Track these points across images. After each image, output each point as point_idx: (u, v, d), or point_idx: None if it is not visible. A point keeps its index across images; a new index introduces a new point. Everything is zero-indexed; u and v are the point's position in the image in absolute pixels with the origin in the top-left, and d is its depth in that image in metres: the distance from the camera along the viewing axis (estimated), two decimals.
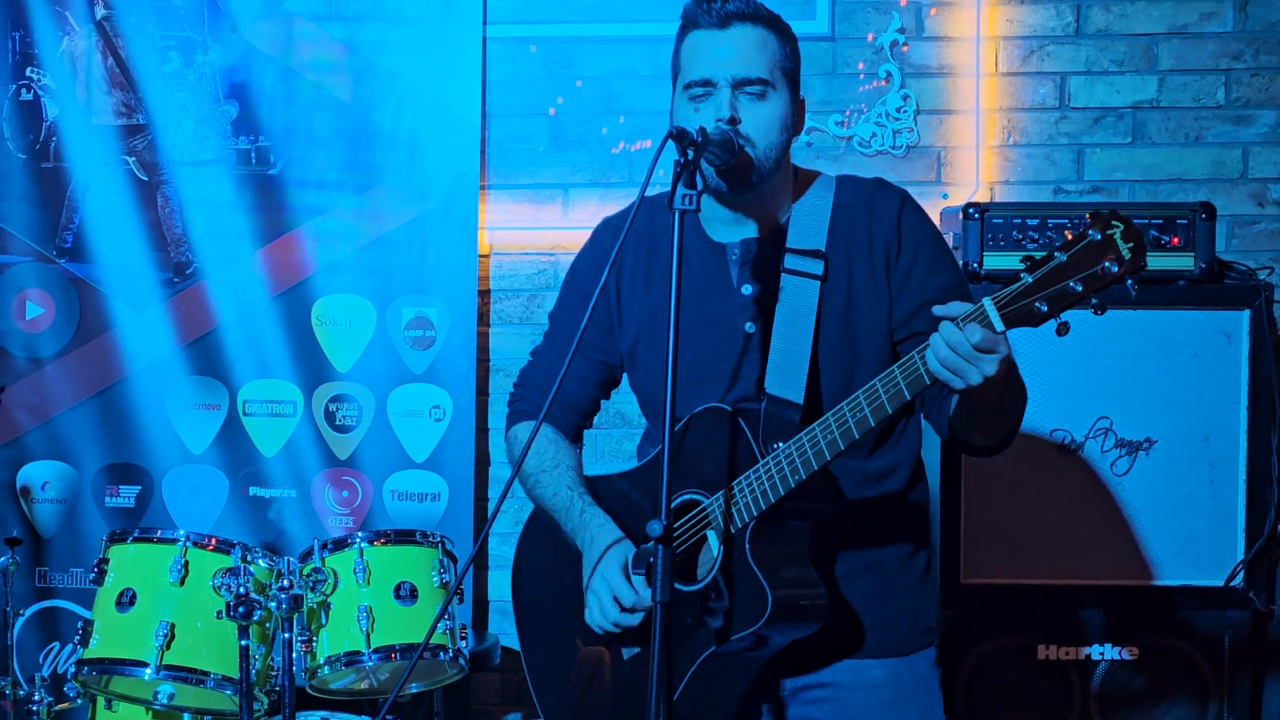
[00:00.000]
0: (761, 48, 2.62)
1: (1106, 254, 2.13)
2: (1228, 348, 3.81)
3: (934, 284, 2.63)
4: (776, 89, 2.61)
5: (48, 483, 4.52)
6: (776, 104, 2.61)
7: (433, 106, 4.43)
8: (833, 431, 2.42)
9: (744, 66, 2.59)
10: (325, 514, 4.47)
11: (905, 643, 2.72)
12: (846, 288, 2.64)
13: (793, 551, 2.54)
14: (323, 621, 3.38)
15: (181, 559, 3.33)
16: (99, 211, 4.49)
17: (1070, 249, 2.16)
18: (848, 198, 2.70)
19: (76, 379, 4.49)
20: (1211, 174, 4.39)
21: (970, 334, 2.23)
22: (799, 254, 2.64)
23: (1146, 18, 4.39)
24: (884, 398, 2.36)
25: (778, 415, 2.56)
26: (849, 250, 2.65)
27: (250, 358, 4.47)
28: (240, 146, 4.46)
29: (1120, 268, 2.13)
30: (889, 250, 2.64)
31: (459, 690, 4.12)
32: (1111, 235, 2.13)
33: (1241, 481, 3.81)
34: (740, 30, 2.61)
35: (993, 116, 4.42)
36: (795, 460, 2.46)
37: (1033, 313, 2.19)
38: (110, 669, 3.34)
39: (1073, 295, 2.16)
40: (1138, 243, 2.13)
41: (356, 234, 4.46)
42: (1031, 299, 2.18)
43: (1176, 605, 3.82)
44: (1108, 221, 2.14)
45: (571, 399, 2.93)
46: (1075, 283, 2.15)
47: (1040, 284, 2.18)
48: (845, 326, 2.63)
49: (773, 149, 2.61)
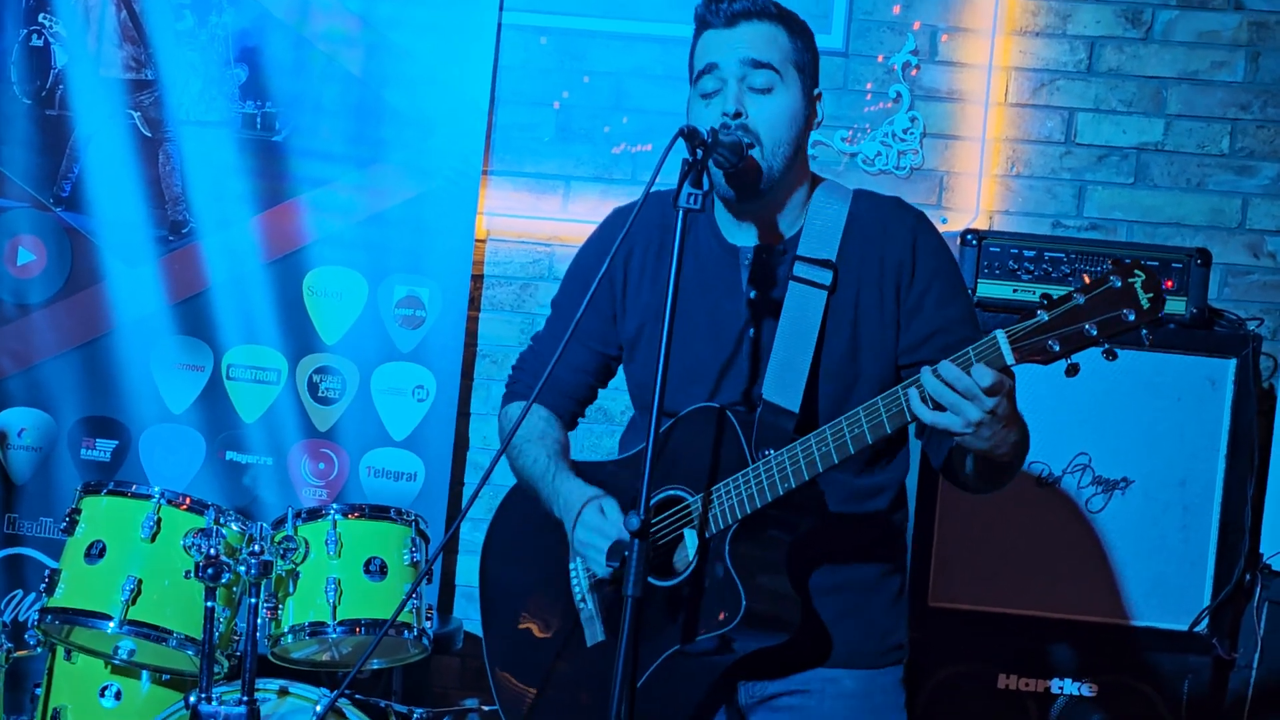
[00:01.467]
0: (770, 42, 2.62)
1: (1125, 302, 2.15)
2: (1212, 394, 3.83)
3: (945, 314, 2.63)
4: (785, 81, 2.61)
5: (24, 430, 4.50)
6: (785, 98, 2.61)
7: (443, 87, 4.43)
8: (828, 444, 2.42)
9: (750, 51, 2.59)
10: (300, 484, 4.47)
11: (876, 656, 2.72)
12: (854, 303, 2.64)
13: (772, 559, 2.54)
14: (290, 590, 3.38)
15: (154, 516, 3.34)
16: (99, 163, 4.48)
17: (1089, 292, 2.18)
18: (864, 212, 2.70)
19: (62, 328, 4.48)
20: (1210, 221, 4.41)
21: (979, 376, 2.24)
22: (809, 262, 2.64)
23: (1158, 61, 4.40)
24: (884, 416, 2.37)
25: (772, 422, 2.56)
26: (860, 266, 2.65)
27: (238, 322, 4.47)
28: (246, 111, 4.45)
29: (1137, 317, 2.15)
30: (900, 274, 2.64)
31: (419, 671, 4.11)
32: (1132, 284, 2.15)
33: (1214, 528, 3.82)
34: (749, 27, 2.62)
35: (998, 146, 4.43)
36: (786, 469, 2.46)
37: (1045, 349, 2.20)
38: (73, 619, 3.34)
39: (1087, 338, 2.18)
40: (1157, 294, 2.15)
41: (355, 208, 4.46)
42: (1045, 336, 2.20)
43: (1140, 645, 3.83)
44: (1130, 270, 2.16)
45: (567, 386, 2.93)
46: (1091, 326, 2.17)
47: (1055, 323, 2.19)
48: (849, 342, 2.63)
49: (781, 145, 2.60)
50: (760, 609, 2.48)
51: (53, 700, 3.54)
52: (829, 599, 2.68)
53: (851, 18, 4.42)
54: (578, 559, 2.76)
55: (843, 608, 2.69)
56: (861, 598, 2.71)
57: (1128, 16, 4.40)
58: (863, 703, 2.69)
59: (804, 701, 2.68)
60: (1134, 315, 2.15)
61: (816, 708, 2.68)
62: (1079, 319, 2.18)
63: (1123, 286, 2.16)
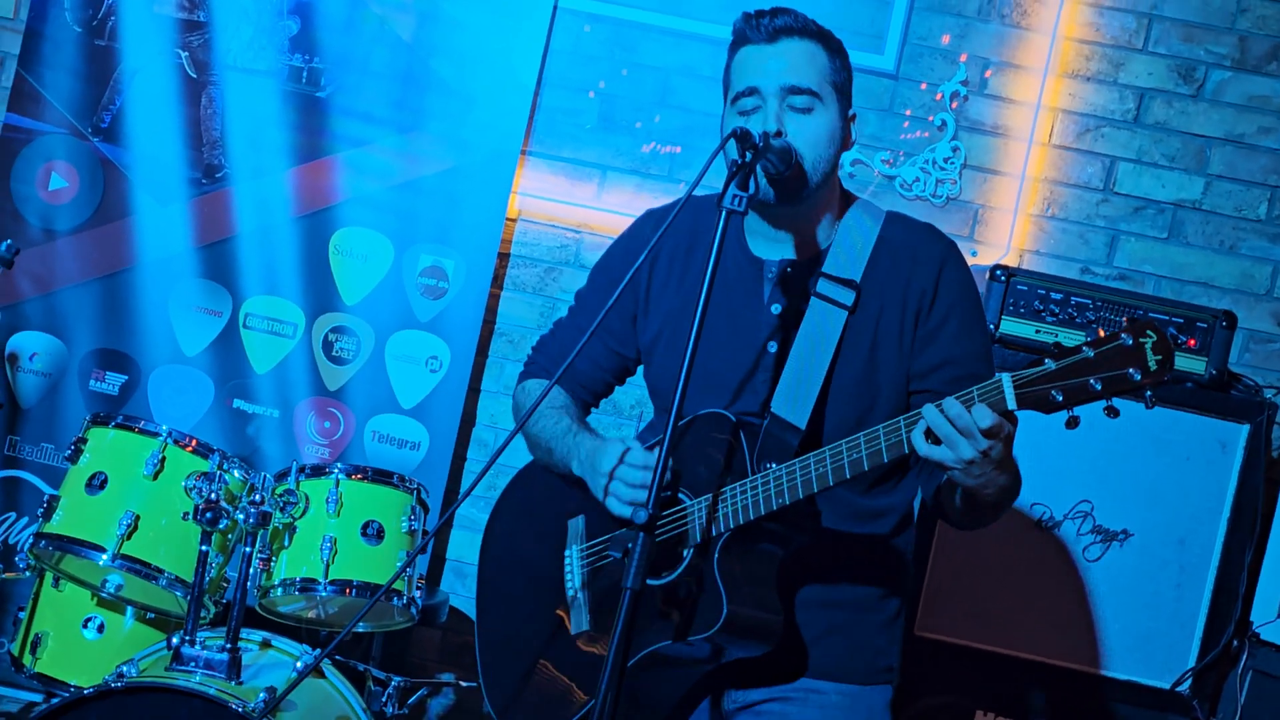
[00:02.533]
0: (810, 61, 2.62)
1: (1132, 361, 2.15)
2: (1221, 457, 3.82)
3: (960, 346, 2.63)
4: (824, 102, 2.62)
5: (36, 354, 4.50)
6: (824, 118, 2.62)
7: (491, 63, 4.44)
8: (826, 465, 2.42)
9: (792, 75, 2.59)
10: (304, 440, 4.47)
11: (864, 673, 2.72)
12: (874, 326, 2.64)
13: (760, 572, 2.54)
14: (285, 544, 3.39)
15: (159, 454, 3.34)
16: (142, 99, 4.48)
17: (1099, 347, 2.18)
18: (895, 235, 2.70)
19: (86, 258, 4.49)
20: (1238, 285, 4.41)
21: (979, 417, 2.24)
22: (833, 280, 2.64)
23: (1206, 120, 4.40)
24: (883, 445, 2.37)
25: (777, 436, 2.56)
26: (884, 289, 2.65)
27: (261, 272, 4.47)
28: (294, 63, 4.46)
29: (1143, 377, 2.15)
30: (923, 300, 2.64)
31: (400, 640, 4.12)
32: (1143, 345, 2.15)
33: (1208, 591, 3.83)
34: (788, 44, 2.62)
35: (1036, 185, 4.43)
36: (784, 484, 2.46)
37: (1047, 399, 2.21)
38: (68, 547, 3.35)
39: (1090, 392, 2.18)
40: (1166, 358, 2.15)
41: (390, 172, 4.46)
42: (1049, 385, 2.20)
43: (1119, 699, 3.83)
44: (1142, 330, 2.16)
45: (584, 377, 2.94)
46: (1096, 380, 2.17)
47: (1062, 373, 2.19)
48: (865, 364, 2.62)
49: (820, 162, 2.61)
50: (742, 619, 2.48)
51: (35, 625, 3.55)
52: (819, 613, 2.68)
53: (906, 41, 4.42)
54: (573, 546, 2.76)
55: (831, 623, 2.69)
56: (853, 615, 2.71)
57: (1180, 72, 4.39)
58: (845, 715, 2.68)
59: (784, 709, 2.68)
60: (1140, 375, 2.15)
61: (798, 714, 2.67)
62: (1085, 372, 2.18)
63: (1133, 345, 2.15)
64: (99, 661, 3.46)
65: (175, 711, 3.04)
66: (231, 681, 3.13)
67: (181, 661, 3.15)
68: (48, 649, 3.52)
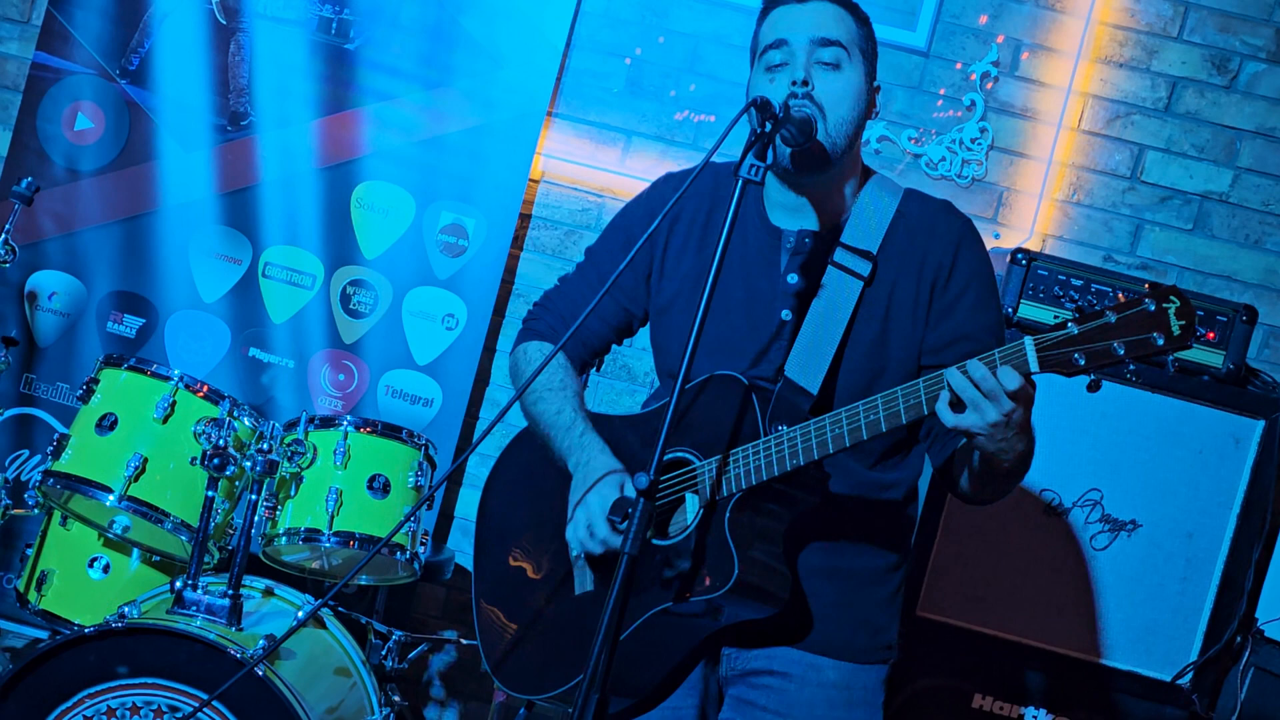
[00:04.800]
0: (839, 19, 2.63)
1: (1156, 325, 2.13)
2: (1234, 452, 3.81)
3: (975, 322, 2.63)
4: (852, 60, 2.61)
5: (55, 294, 4.52)
6: (851, 77, 2.61)
7: (521, 22, 4.42)
8: (842, 426, 2.42)
9: (821, 29, 2.60)
10: (317, 392, 4.48)
11: (863, 651, 2.72)
12: (888, 297, 2.64)
13: (769, 533, 2.54)
14: (291, 493, 3.40)
15: (170, 398, 3.35)
16: (171, 43, 4.48)
17: (1121, 311, 2.16)
18: (913, 210, 2.69)
19: (109, 200, 4.49)
20: (1262, 280, 4.38)
21: (1005, 379, 2.23)
22: (850, 250, 2.64)
23: (1237, 112, 4.36)
24: (902, 406, 2.36)
25: (789, 400, 2.56)
26: (900, 262, 2.64)
27: (282, 222, 4.48)
28: (324, 14, 4.45)
29: (1166, 342, 2.13)
30: (939, 274, 2.63)
31: (404, 594, 4.13)
32: (1166, 310, 2.13)
33: (1214, 585, 3.81)
34: (818, 5, 2.64)
35: (1063, 170, 4.40)
36: (797, 446, 2.46)
37: (1070, 362, 2.19)
38: (75, 486, 3.36)
39: (1113, 356, 2.16)
40: (1188, 322, 2.13)
41: (415, 127, 4.45)
42: (1072, 348, 2.18)
43: (1119, 689, 3.82)
44: (1165, 295, 2.14)
45: (587, 334, 2.92)
46: (1119, 344, 2.15)
47: (1085, 337, 2.17)
48: (878, 334, 2.63)
49: (843, 124, 2.60)
50: (751, 580, 2.48)
51: (42, 563, 3.57)
52: (825, 583, 2.67)
53: (939, 19, 4.39)
54: None
55: (837, 596, 2.69)
56: (858, 589, 2.70)
57: (1214, 62, 4.36)
58: (841, 694, 2.68)
59: (783, 684, 2.68)
60: (1163, 340, 2.13)
61: (796, 693, 2.67)
62: (1108, 336, 2.16)
63: (1156, 310, 2.14)
64: (103, 601, 3.49)
65: (174, 654, 3.07)
66: (232, 627, 3.15)
67: (183, 605, 3.17)
68: (53, 586, 3.54)
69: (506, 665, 2.82)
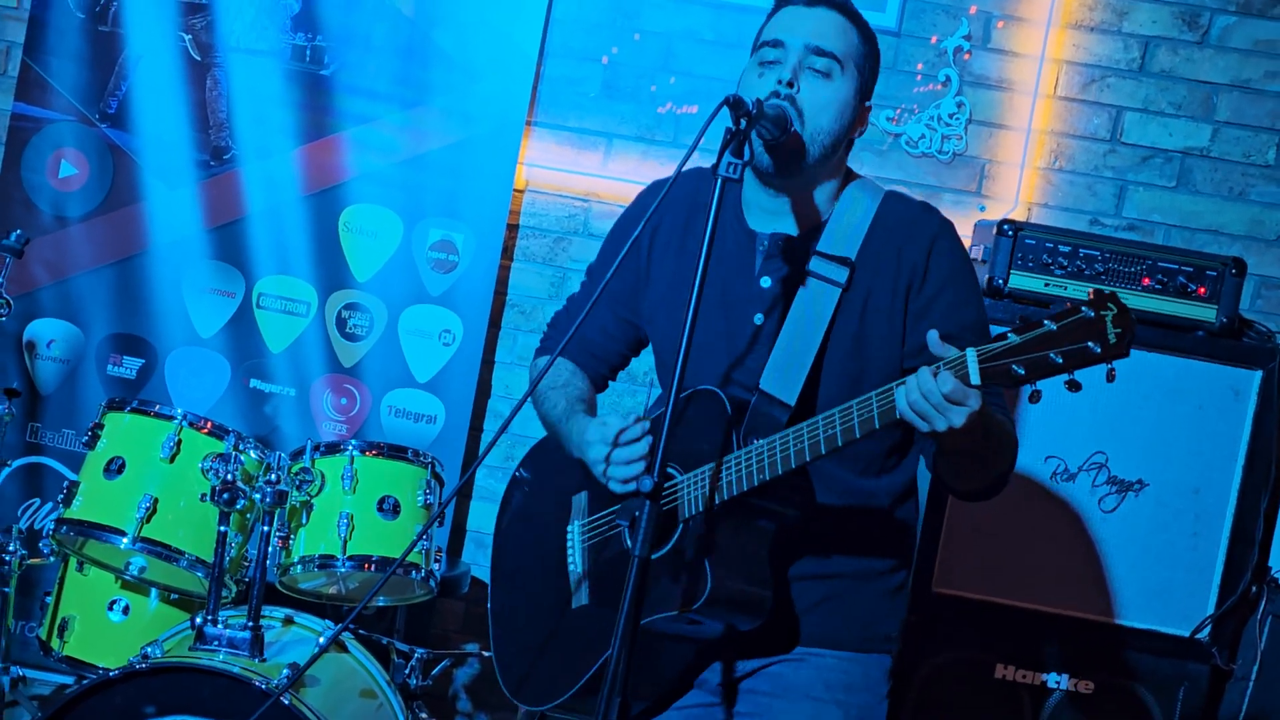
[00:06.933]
0: (841, 31, 2.64)
1: (1093, 334, 2.12)
2: (1234, 405, 3.82)
3: (953, 321, 2.60)
4: (844, 72, 2.61)
5: (54, 341, 4.54)
6: (839, 89, 2.61)
7: (493, 35, 4.44)
8: (804, 440, 2.42)
9: (818, 38, 2.60)
10: (321, 417, 4.50)
11: (859, 642, 2.72)
12: (864, 302, 2.63)
13: (749, 546, 2.54)
14: (303, 521, 3.42)
15: (175, 436, 3.37)
16: (147, 83, 4.50)
17: (1061, 320, 2.15)
18: (891, 213, 2.69)
19: (99, 244, 4.52)
20: (1248, 231, 4.40)
21: (942, 383, 2.23)
22: (827, 258, 2.64)
23: (1211, 66, 4.38)
24: (856, 421, 2.36)
25: (765, 413, 2.56)
26: (877, 266, 2.64)
27: (272, 252, 4.50)
28: (296, 43, 4.47)
29: (1102, 350, 2.12)
30: (914, 276, 2.63)
31: (423, 612, 4.16)
32: (1104, 317, 2.12)
33: (1224, 538, 3.83)
34: (826, 12, 2.65)
35: (1042, 138, 4.42)
36: (764, 459, 2.46)
37: (1010, 373, 2.19)
38: (89, 532, 3.39)
39: (1051, 365, 2.15)
40: (1125, 330, 2.12)
41: (396, 148, 4.47)
42: (1012, 359, 2.18)
43: (1139, 648, 3.84)
44: (1104, 303, 2.13)
45: (597, 349, 2.95)
46: (1056, 354, 2.15)
47: (1024, 347, 2.17)
48: (856, 341, 2.62)
49: (821, 133, 2.60)
50: (728, 595, 2.48)
51: (62, 609, 3.60)
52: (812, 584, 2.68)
53: None
54: (575, 522, 2.79)
55: (825, 593, 2.69)
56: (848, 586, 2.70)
57: (1185, 19, 4.38)
58: (840, 678, 2.68)
59: (781, 669, 2.69)
60: (1100, 349, 2.12)
61: (793, 675, 2.68)
62: (1046, 346, 2.15)
63: (1094, 318, 2.12)
64: (125, 643, 3.50)
65: (200, 690, 3.09)
66: (255, 659, 3.17)
67: (205, 641, 3.19)
68: (75, 632, 3.56)
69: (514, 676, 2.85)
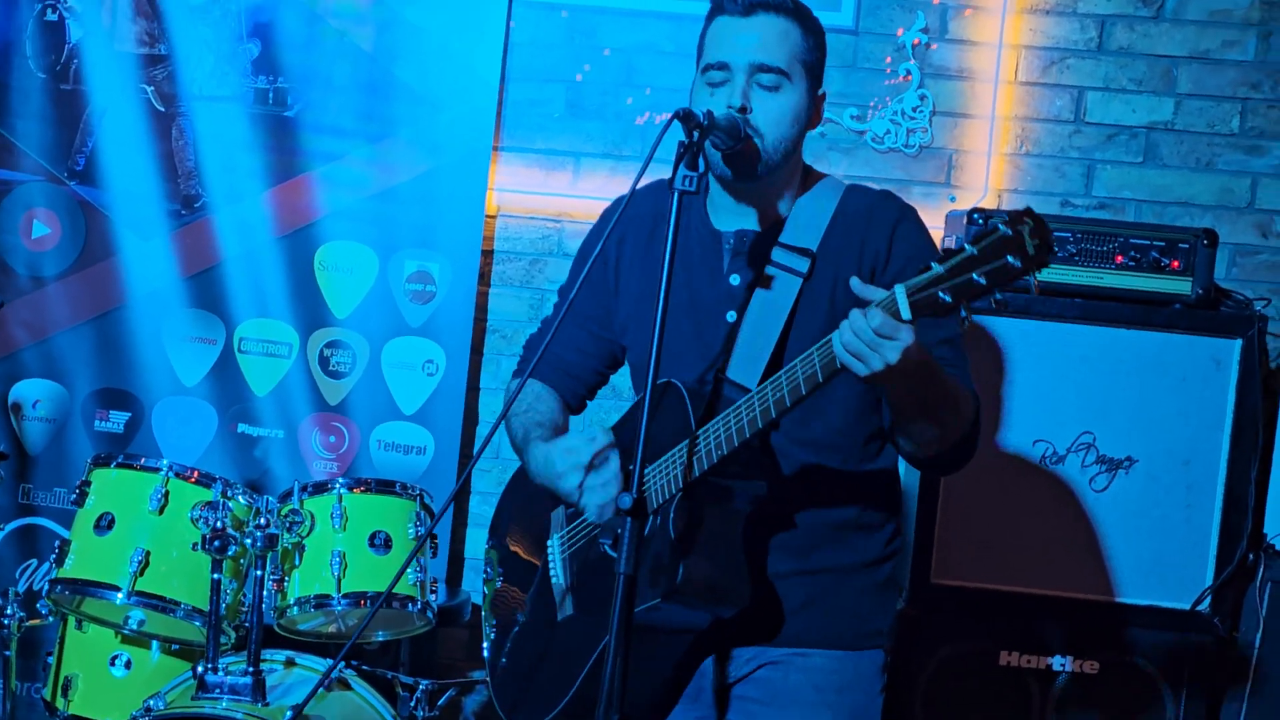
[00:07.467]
0: (783, 38, 2.63)
1: (1012, 249, 2.11)
2: (1216, 375, 3.83)
3: None
4: (793, 81, 2.63)
5: (39, 401, 4.55)
6: (791, 97, 2.63)
7: (454, 64, 4.45)
8: (754, 408, 2.43)
9: (762, 54, 2.60)
10: (311, 457, 4.51)
11: (850, 639, 2.72)
12: (830, 291, 2.64)
13: (718, 528, 2.53)
14: (296, 563, 3.43)
15: (162, 488, 3.38)
16: (113, 138, 4.51)
17: (979, 241, 2.15)
18: (852, 205, 2.71)
19: (76, 301, 4.52)
20: (1219, 201, 4.41)
21: (871, 318, 2.23)
22: (788, 249, 2.65)
23: (1169, 40, 4.40)
24: (801, 379, 2.36)
25: (727, 398, 2.56)
26: (840, 255, 2.65)
27: (250, 296, 4.50)
28: (259, 86, 4.48)
29: (1024, 264, 2.11)
30: (876, 260, 2.64)
31: (427, 642, 4.15)
32: (1021, 231, 2.11)
33: (1218, 508, 3.83)
34: (764, 19, 2.63)
35: (1007, 124, 4.44)
36: (721, 435, 2.47)
37: (937, 301, 2.18)
38: (83, 590, 3.39)
39: (976, 287, 2.14)
40: (1043, 240, 2.11)
41: (366, 183, 4.48)
42: (937, 288, 2.18)
43: (1142, 624, 3.84)
44: (1019, 219, 2.12)
45: (573, 368, 2.96)
46: (979, 275, 2.14)
47: (948, 275, 2.17)
48: (820, 329, 2.61)
49: (782, 142, 2.62)
50: (704, 577, 2.47)
51: (64, 669, 3.60)
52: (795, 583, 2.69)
53: None
54: (555, 535, 2.79)
55: (809, 594, 2.70)
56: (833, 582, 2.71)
57: None
58: (830, 679, 2.68)
59: (770, 674, 2.70)
60: (1021, 263, 2.10)
61: (783, 680, 2.68)
62: (970, 268, 2.14)
63: (1012, 235, 2.10)
64: (129, 697, 3.50)
65: None
66: (257, 704, 3.18)
67: (206, 689, 3.20)
68: (78, 690, 3.57)
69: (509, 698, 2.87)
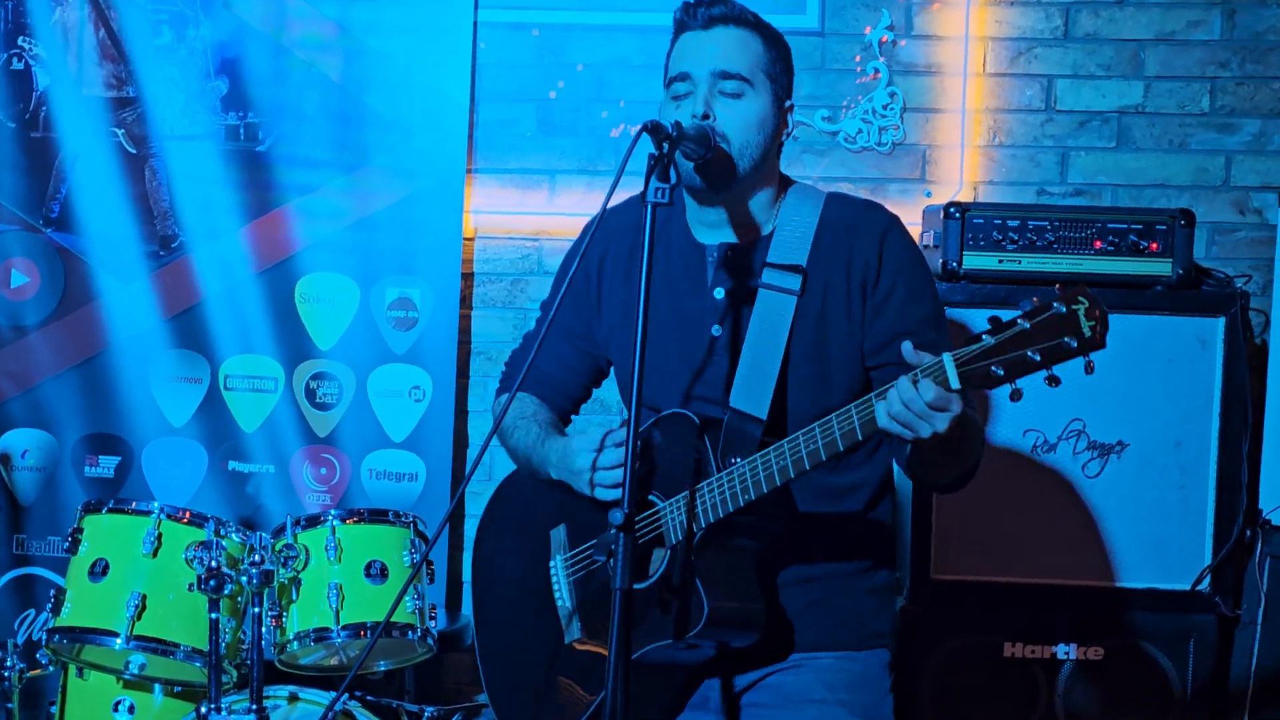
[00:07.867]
0: (743, 48, 2.66)
1: (1068, 329, 2.14)
2: (1202, 354, 3.83)
3: (910, 316, 2.64)
4: (755, 88, 2.64)
5: (28, 451, 4.53)
6: (754, 104, 2.64)
7: (422, 89, 4.45)
8: (786, 458, 2.44)
9: (723, 61, 2.63)
10: (303, 490, 4.50)
11: (855, 641, 2.74)
12: (822, 306, 2.66)
13: (737, 564, 2.56)
14: (293, 597, 3.41)
15: (155, 531, 3.36)
16: (87, 182, 4.50)
17: (1034, 317, 2.17)
18: (835, 216, 2.72)
19: (59, 348, 4.51)
20: (1194, 181, 4.42)
21: (924, 391, 2.25)
22: (778, 268, 2.66)
23: (1134, 23, 4.41)
24: (838, 434, 2.38)
25: (739, 430, 2.58)
26: (829, 269, 2.67)
27: (233, 333, 4.49)
28: (229, 122, 4.47)
29: (1079, 344, 2.14)
30: (867, 274, 2.65)
31: (430, 669, 4.14)
32: (1076, 311, 2.14)
33: (1211, 487, 3.83)
34: (724, 31, 2.67)
35: (979, 117, 4.44)
36: (748, 479, 2.48)
37: (989, 376, 2.20)
38: (81, 638, 3.37)
39: (1030, 364, 2.17)
40: (1100, 323, 2.14)
41: (343, 213, 4.48)
42: (989, 361, 2.20)
43: (1143, 608, 3.84)
44: (1074, 297, 2.15)
45: (557, 383, 2.97)
46: (1034, 352, 2.17)
47: (1001, 348, 2.19)
48: (817, 346, 2.64)
49: (749, 147, 2.64)
50: (723, 614, 2.51)
51: (68, 717, 3.57)
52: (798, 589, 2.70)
53: None
54: (557, 556, 2.79)
55: (810, 599, 2.71)
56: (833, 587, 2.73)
57: None
58: (840, 677, 2.70)
59: (780, 679, 2.71)
60: (1076, 343, 2.14)
61: (794, 681, 2.70)
62: (1024, 345, 2.17)
63: (1067, 313, 2.14)
64: None
65: None
66: None
67: None
68: None
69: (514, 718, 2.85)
